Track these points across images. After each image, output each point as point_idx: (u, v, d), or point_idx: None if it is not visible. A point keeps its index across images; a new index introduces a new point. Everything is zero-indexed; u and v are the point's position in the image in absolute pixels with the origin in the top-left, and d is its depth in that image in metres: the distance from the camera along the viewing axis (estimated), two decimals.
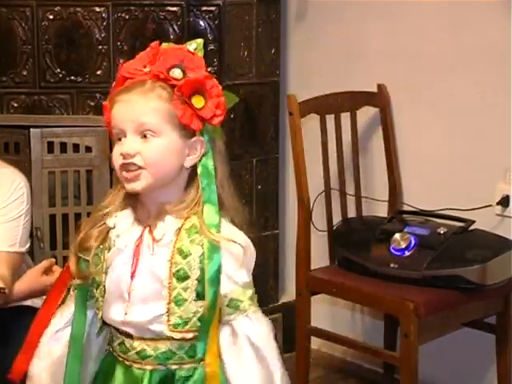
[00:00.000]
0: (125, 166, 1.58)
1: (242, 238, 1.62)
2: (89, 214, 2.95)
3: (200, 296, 1.59)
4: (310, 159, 2.83)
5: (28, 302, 2.35)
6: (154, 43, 1.65)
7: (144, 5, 2.99)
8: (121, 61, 1.67)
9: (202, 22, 3.00)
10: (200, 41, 1.65)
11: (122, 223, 1.65)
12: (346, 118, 2.96)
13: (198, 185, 1.61)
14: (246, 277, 1.61)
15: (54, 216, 3.03)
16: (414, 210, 2.93)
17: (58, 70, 3.02)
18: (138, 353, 1.63)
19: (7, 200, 2.29)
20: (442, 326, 2.66)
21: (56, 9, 2.99)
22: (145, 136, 1.57)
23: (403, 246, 2.66)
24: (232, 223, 1.64)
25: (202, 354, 1.62)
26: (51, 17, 2.99)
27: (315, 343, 3.08)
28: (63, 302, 1.74)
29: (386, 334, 3.04)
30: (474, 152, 2.87)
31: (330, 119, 2.91)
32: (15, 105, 3.04)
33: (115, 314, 1.64)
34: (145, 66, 1.61)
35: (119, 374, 1.66)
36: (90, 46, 3.01)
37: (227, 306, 1.61)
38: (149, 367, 1.63)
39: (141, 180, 1.58)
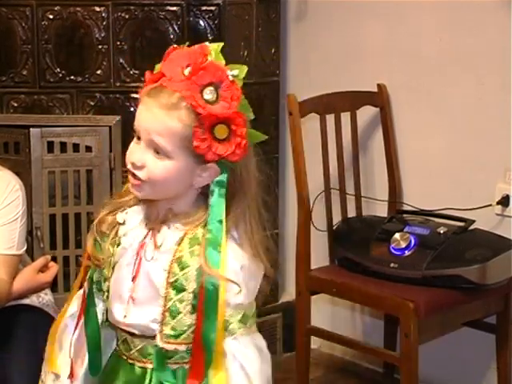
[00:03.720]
0: (131, 172, 1.55)
1: (241, 259, 1.55)
2: (89, 214, 3.03)
3: (196, 309, 1.54)
4: (309, 159, 2.83)
5: (27, 301, 2.35)
6: (204, 45, 1.56)
7: (144, 5, 2.98)
8: (174, 45, 1.55)
9: (202, 22, 3.00)
10: (244, 68, 1.54)
11: (131, 221, 1.62)
12: (346, 117, 2.96)
13: (207, 207, 1.55)
14: (239, 298, 1.54)
15: (54, 216, 3.03)
16: (414, 209, 2.93)
17: (58, 70, 3.02)
18: (139, 351, 1.61)
19: (2, 203, 2.28)
20: (442, 325, 2.66)
21: (56, 8, 2.99)
22: (157, 152, 1.51)
23: (403, 245, 2.66)
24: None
25: None
26: (51, 16, 2.99)
27: (315, 343, 3.08)
28: (81, 286, 1.71)
29: (386, 333, 3.04)
30: (474, 152, 2.87)
31: (330, 119, 2.91)
32: (15, 104, 3.04)
33: (117, 314, 1.62)
34: (187, 66, 1.51)
35: (123, 372, 1.64)
36: (89, 45, 3.00)
37: None
38: (150, 366, 1.60)
39: (141, 190, 1.55)
